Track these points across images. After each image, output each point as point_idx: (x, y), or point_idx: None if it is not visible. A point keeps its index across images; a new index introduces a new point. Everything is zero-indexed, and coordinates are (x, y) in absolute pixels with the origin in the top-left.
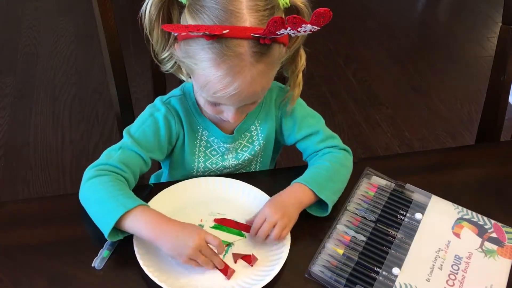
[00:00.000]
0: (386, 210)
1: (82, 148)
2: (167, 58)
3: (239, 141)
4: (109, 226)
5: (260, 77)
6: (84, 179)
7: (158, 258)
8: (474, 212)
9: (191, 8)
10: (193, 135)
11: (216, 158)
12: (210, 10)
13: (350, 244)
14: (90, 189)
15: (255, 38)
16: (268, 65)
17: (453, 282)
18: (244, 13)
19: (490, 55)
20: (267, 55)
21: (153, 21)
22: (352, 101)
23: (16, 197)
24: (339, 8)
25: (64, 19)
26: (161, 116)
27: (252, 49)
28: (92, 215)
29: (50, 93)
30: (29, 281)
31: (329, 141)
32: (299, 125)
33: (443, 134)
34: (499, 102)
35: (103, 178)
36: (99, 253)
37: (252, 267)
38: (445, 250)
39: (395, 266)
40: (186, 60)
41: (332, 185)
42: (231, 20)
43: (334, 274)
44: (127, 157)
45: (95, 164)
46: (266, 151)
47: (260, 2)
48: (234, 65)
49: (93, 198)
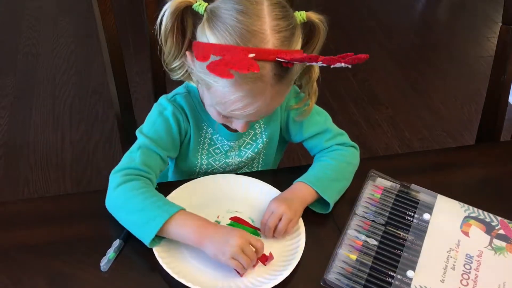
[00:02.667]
0: (394, 212)
1: (82, 148)
2: (178, 67)
3: (242, 138)
4: (152, 233)
5: (279, 96)
6: (112, 186)
7: (176, 257)
8: (480, 209)
9: (211, 23)
10: (198, 132)
11: (219, 156)
12: (233, 29)
13: (362, 249)
14: (122, 196)
15: (278, 61)
16: (286, 85)
17: (466, 282)
18: (267, 34)
19: (490, 55)
20: (287, 76)
21: (168, 31)
22: (352, 101)
23: (16, 197)
24: (339, 8)
25: (64, 19)
26: (169, 114)
27: (273, 71)
28: (129, 222)
29: (50, 93)
30: (29, 281)
31: (337, 139)
32: (307, 124)
33: (443, 134)
34: (499, 102)
35: (133, 184)
36: (106, 255)
37: (266, 266)
38: (456, 249)
39: (409, 269)
40: (203, 76)
41: (336, 185)
42: (254, 41)
43: (350, 281)
44: (148, 158)
45: (119, 169)
46: (268, 149)
47: (281, 22)
48: (256, 86)
49: (129, 206)
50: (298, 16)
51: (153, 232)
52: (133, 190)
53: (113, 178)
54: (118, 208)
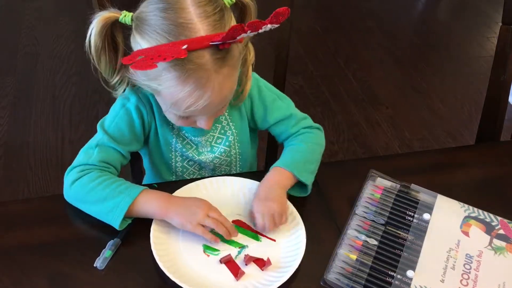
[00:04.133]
0: (394, 212)
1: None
2: (118, 82)
3: (211, 133)
4: (119, 217)
5: (227, 81)
6: (68, 182)
7: (175, 258)
8: (480, 209)
9: (138, 29)
10: (166, 126)
11: (192, 151)
12: (160, 28)
13: (362, 249)
14: (81, 190)
15: (214, 46)
16: (231, 67)
17: (466, 281)
18: (195, 23)
19: (490, 55)
20: (228, 58)
21: (100, 49)
22: (352, 101)
23: (16, 197)
24: (339, 8)
25: (64, 19)
26: (132, 106)
27: (213, 56)
28: (94, 212)
29: (50, 93)
30: (29, 281)
31: (302, 123)
32: (270, 110)
33: (443, 134)
34: (499, 102)
35: (90, 176)
36: (101, 253)
37: (263, 272)
38: (456, 249)
39: (409, 269)
40: (148, 83)
41: (309, 166)
42: (185, 33)
43: (350, 281)
44: (106, 155)
45: (75, 165)
46: (241, 141)
47: (207, 8)
48: (200, 77)
49: (90, 198)
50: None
51: (120, 216)
52: (91, 181)
53: (68, 176)
54: (80, 201)
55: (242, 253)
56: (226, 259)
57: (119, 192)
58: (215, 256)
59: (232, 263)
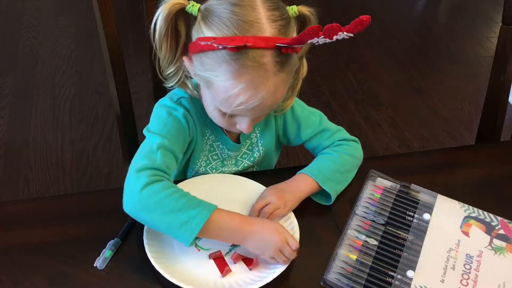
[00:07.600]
0: (394, 212)
1: (82, 148)
2: (172, 73)
3: (241, 149)
4: (195, 231)
5: (281, 85)
6: (139, 186)
7: (166, 254)
8: (480, 209)
9: (206, 20)
10: (201, 138)
11: (216, 163)
12: (229, 21)
13: (362, 249)
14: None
15: (278, 48)
16: (288, 74)
17: (466, 282)
18: (263, 23)
19: (490, 55)
20: (287, 64)
21: (162, 36)
22: (352, 101)
23: (16, 197)
24: (339, 8)
25: (64, 19)
26: (180, 115)
27: (275, 58)
28: (163, 223)
29: (50, 93)
30: (29, 281)
31: (337, 135)
32: (304, 126)
33: (443, 134)
34: (499, 102)
35: (163, 184)
36: (101, 253)
37: (250, 271)
38: (456, 249)
39: (409, 269)
40: (204, 73)
41: (337, 176)
42: (252, 31)
43: (350, 281)
44: (167, 159)
45: (142, 168)
46: (266, 159)
47: (276, 12)
48: (258, 75)
49: (164, 207)
50: (290, 10)
51: (195, 230)
52: (164, 190)
53: (137, 177)
54: (150, 209)
55: (233, 251)
56: (215, 255)
57: (196, 204)
58: (205, 251)
59: (221, 259)
